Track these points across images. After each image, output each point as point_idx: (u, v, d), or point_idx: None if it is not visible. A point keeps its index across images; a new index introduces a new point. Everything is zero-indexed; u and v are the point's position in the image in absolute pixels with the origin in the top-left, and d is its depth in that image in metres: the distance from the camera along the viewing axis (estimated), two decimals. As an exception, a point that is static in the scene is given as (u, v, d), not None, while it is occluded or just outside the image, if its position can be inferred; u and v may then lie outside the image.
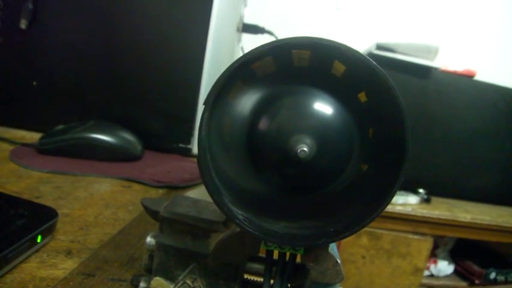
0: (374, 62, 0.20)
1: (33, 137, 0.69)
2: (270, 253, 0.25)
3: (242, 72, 0.22)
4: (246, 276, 0.27)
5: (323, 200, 0.23)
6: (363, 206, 0.22)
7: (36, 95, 0.75)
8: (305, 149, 0.20)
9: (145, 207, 0.27)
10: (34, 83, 0.74)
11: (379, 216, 0.20)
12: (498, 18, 1.67)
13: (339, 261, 0.23)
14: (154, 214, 0.27)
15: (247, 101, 0.23)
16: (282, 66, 0.23)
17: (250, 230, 0.21)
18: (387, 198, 0.21)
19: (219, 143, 0.22)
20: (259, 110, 0.22)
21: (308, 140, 0.20)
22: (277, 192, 0.23)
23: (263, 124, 0.22)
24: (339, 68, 0.23)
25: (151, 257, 0.28)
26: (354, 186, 0.23)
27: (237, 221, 0.21)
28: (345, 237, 0.20)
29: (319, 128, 0.21)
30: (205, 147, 0.21)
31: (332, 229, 0.21)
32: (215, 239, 0.25)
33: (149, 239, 0.27)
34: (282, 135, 0.21)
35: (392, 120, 0.21)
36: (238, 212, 0.21)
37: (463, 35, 1.66)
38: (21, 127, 0.75)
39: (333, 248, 0.24)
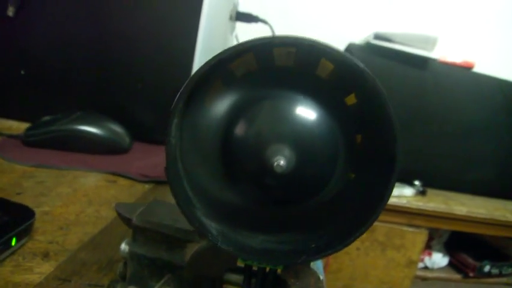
0: (362, 65, 0.19)
1: (21, 127, 0.67)
2: (248, 264, 0.23)
3: (220, 71, 0.20)
4: (224, 286, 0.25)
5: (305, 212, 0.21)
6: (348, 221, 0.20)
7: (24, 84, 0.73)
8: (282, 162, 0.18)
9: (119, 214, 0.26)
10: (22, 72, 0.72)
11: (363, 234, 0.19)
12: (497, 9, 1.64)
13: (321, 278, 0.22)
14: (127, 221, 0.25)
15: (224, 102, 0.21)
16: (264, 65, 0.21)
17: (224, 246, 0.19)
18: (375, 213, 0.19)
19: (192, 148, 0.20)
20: (236, 113, 0.21)
21: (287, 151, 0.19)
22: (255, 204, 0.21)
23: (240, 129, 0.20)
24: (326, 66, 0.21)
25: (126, 264, 0.27)
26: (339, 197, 0.21)
27: (210, 237, 0.19)
28: (326, 255, 0.19)
29: (300, 136, 0.20)
30: (175, 155, 0.19)
31: (313, 245, 0.20)
32: (191, 249, 0.23)
33: (123, 246, 0.26)
34: (260, 143, 0.19)
35: (382, 126, 0.20)
36: (212, 225, 0.20)
37: (461, 26, 1.63)
38: (8, 117, 0.74)
39: (316, 262, 0.23)
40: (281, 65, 0.21)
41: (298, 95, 0.20)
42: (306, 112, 0.20)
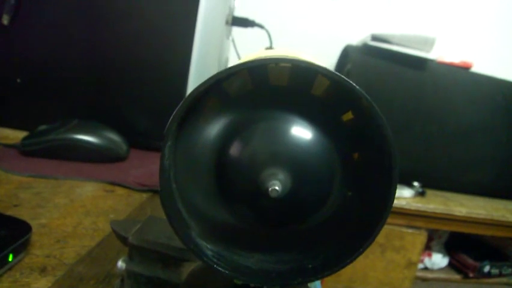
0: (357, 87, 0.18)
1: (17, 135, 0.67)
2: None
3: (214, 90, 0.20)
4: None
5: (302, 232, 0.21)
6: (345, 240, 0.20)
7: (20, 93, 0.73)
8: (277, 187, 0.18)
9: (114, 232, 0.26)
10: (18, 80, 0.72)
11: (361, 254, 0.18)
12: (495, 9, 1.64)
13: (318, 296, 0.21)
14: (123, 240, 0.25)
15: (218, 123, 0.21)
16: (258, 84, 0.21)
17: (220, 268, 0.19)
18: (373, 233, 0.19)
19: (186, 169, 0.20)
20: (230, 134, 0.20)
21: (281, 176, 0.18)
22: (251, 224, 0.21)
23: (234, 151, 0.20)
24: (322, 82, 0.21)
25: (123, 281, 0.26)
26: (337, 216, 0.21)
27: (205, 259, 0.19)
28: (322, 277, 0.19)
29: (295, 158, 0.19)
30: (168, 177, 0.19)
31: (310, 265, 0.19)
32: (187, 268, 0.23)
33: (120, 264, 0.26)
34: (254, 166, 0.19)
35: (378, 143, 0.20)
36: (208, 246, 0.20)
37: (459, 26, 1.63)
38: (4, 125, 0.73)
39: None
40: (276, 84, 0.21)
41: (293, 116, 0.20)
42: (301, 133, 0.20)
